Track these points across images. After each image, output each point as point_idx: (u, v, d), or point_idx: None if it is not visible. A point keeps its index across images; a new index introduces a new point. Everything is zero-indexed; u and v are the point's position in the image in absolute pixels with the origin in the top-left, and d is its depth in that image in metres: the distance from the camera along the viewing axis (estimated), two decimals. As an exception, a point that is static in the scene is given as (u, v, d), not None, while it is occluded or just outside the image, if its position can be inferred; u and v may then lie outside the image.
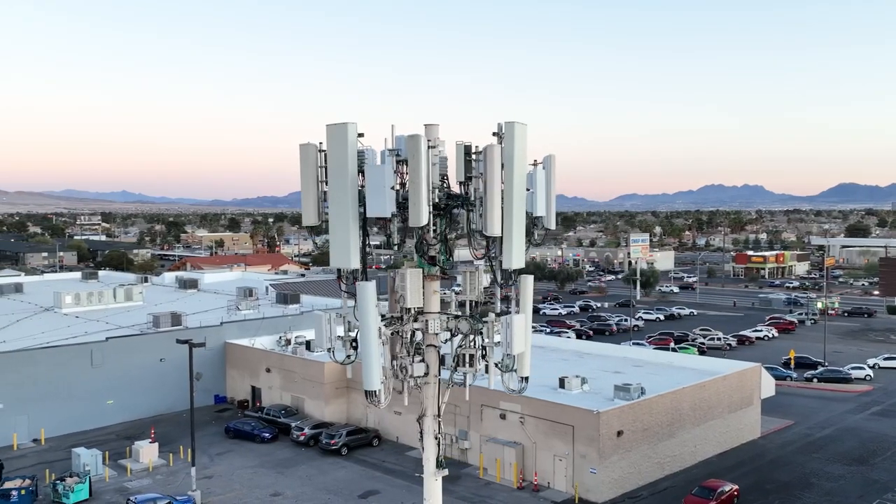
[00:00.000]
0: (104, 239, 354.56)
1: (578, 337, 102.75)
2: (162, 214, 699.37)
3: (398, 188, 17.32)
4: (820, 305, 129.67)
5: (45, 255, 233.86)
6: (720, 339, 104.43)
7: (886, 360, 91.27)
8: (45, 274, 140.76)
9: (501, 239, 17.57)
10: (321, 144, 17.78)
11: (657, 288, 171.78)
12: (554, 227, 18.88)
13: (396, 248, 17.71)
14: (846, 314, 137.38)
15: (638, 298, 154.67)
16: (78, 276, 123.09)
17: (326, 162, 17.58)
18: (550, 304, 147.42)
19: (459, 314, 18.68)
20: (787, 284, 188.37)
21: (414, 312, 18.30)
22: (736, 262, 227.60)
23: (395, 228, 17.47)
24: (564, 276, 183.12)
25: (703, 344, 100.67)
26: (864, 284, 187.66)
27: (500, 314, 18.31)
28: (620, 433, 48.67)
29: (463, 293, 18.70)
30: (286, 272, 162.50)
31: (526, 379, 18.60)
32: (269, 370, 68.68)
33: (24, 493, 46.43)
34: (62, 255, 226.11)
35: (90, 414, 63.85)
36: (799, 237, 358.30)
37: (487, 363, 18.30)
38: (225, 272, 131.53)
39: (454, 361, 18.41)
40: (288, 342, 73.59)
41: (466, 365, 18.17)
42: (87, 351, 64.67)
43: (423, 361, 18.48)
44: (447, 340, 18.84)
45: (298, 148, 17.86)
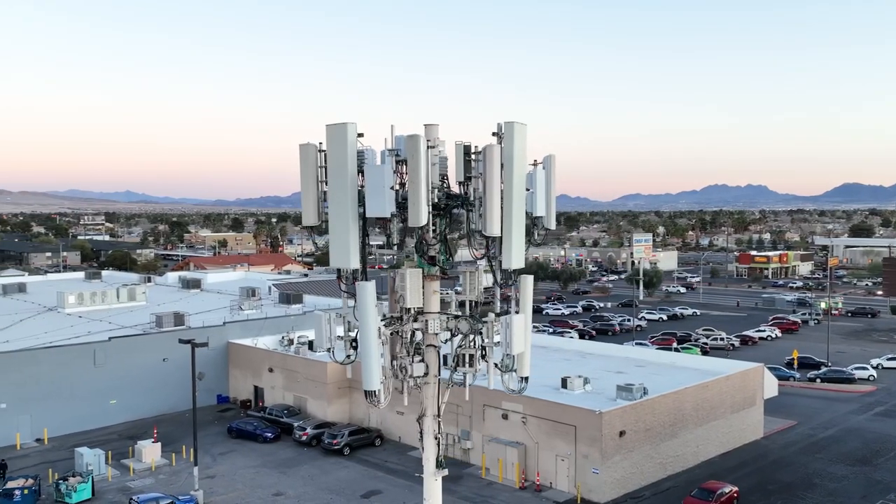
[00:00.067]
0: (108, 239, 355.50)
1: (581, 337, 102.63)
2: (165, 214, 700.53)
3: (398, 188, 17.31)
4: (823, 305, 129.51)
5: (48, 255, 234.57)
6: (723, 339, 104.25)
7: (890, 360, 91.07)
8: (48, 274, 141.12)
9: (501, 239, 17.56)
10: (321, 144, 17.79)
11: (663, 288, 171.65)
12: (554, 227, 18.86)
13: (396, 247, 17.69)
14: (850, 314, 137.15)
15: (641, 298, 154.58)
16: (81, 276, 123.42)
17: (326, 162, 17.60)
18: (554, 304, 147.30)
19: (459, 314, 18.66)
20: (790, 284, 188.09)
21: (414, 312, 18.29)
22: (739, 262, 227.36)
23: (394, 228, 17.46)
24: (567, 276, 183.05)
25: (706, 344, 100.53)
26: (867, 284, 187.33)
27: (499, 314, 18.30)
28: (623, 433, 48.62)
29: (463, 293, 18.68)
30: (289, 272, 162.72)
31: (526, 379, 18.58)
32: (271, 370, 68.74)
33: (27, 492, 46.54)
34: (66, 255, 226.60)
35: (93, 414, 63.98)
36: (802, 237, 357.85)
37: (487, 363, 18.29)
38: (228, 272, 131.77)
39: (454, 361, 18.39)
40: (290, 342, 73.61)
41: (466, 365, 18.15)
42: (90, 351, 64.80)
43: (422, 361, 18.47)
44: (447, 340, 18.82)
45: (298, 148, 17.87)
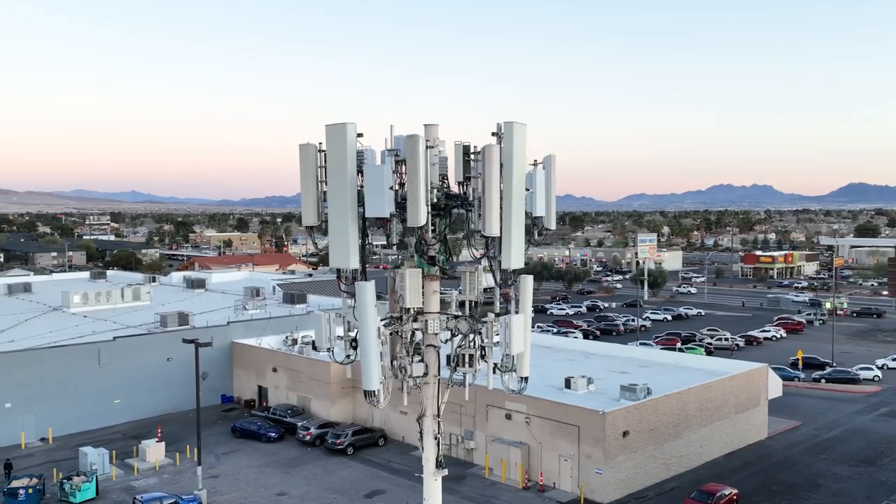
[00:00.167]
0: (113, 239, 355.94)
1: (585, 337, 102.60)
2: (171, 214, 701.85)
3: (397, 188, 17.29)
4: (828, 306, 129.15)
5: (54, 254, 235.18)
6: (728, 339, 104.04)
7: (895, 360, 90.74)
8: (53, 274, 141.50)
9: (501, 239, 17.52)
10: (321, 144, 17.78)
11: (673, 289, 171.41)
12: (554, 227, 18.81)
13: (396, 247, 17.67)
14: (855, 314, 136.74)
15: (645, 298, 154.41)
16: (86, 275, 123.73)
17: (326, 162, 17.58)
18: (558, 304, 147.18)
19: (459, 314, 18.64)
20: (795, 285, 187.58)
21: (413, 312, 18.27)
22: (744, 262, 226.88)
23: (394, 228, 17.45)
24: (572, 276, 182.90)
25: (710, 344, 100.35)
26: (873, 285, 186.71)
27: (499, 314, 18.27)
28: (626, 433, 48.56)
29: (463, 293, 18.65)
30: (293, 272, 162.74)
31: (525, 379, 18.55)
32: (275, 370, 68.82)
33: (31, 491, 46.68)
34: (71, 254, 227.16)
35: (97, 413, 64.12)
36: (808, 237, 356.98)
37: (487, 363, 18.26)
38: (233, 272, 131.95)
39: (454, 361, 18.37)
40: (294, 342, 73.74)
41: (466, 365, 18.13)
42: (94, 350, 64.96)
43: (422, 361, 18.45)
44: (447, 341, 18.80)
45: (298, 148, 17.86)
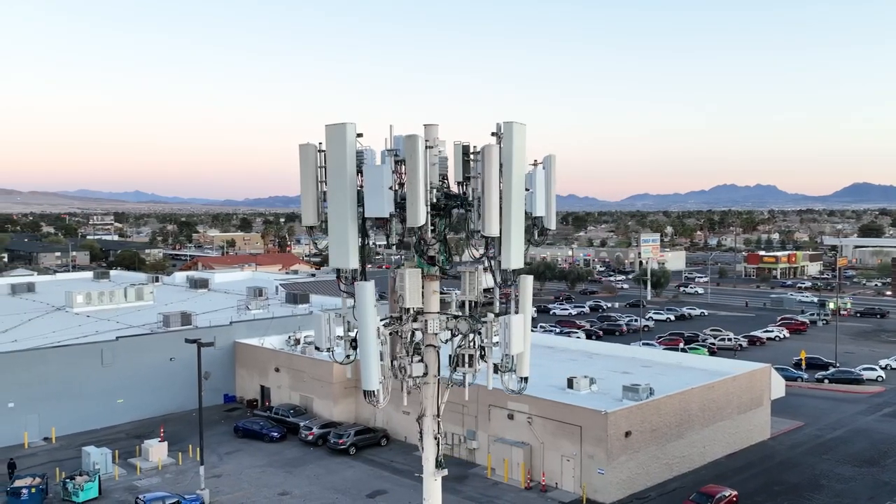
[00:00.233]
0: (117, 239, 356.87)
1: (588, 337, 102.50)
2: (174, 214, 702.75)
3: (397, 188, 17.28)
4: (832, 306, 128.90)
5: (58, 254, 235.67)
6: (731, 339, 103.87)
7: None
8: (57, 273, 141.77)
9: (500, 239, 17.50)
10: (321, 145, 17.78)
11: (680, 289, 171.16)
12: (554, 227, 18.78)
13: (395, 247, 17.66)
14: (858, 315, 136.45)
15: (648, 298, 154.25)
16: (90, 275, 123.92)
17: (326, 162, 17.58)
18: (561, 304, 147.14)
19: (459, 314, 18.63)
20: (799, 285, 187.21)
21: (413, 312, 18.26)
22: (748, 262, 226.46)
23: (393, 228, 17.44)
24: (575, 276, 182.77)
25: (713, 344, 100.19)
26: (877, 285, 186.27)
27: (498, 314, 18.26)
28: (628, 434, 48.51)
29: (462, 293, 18.64)
30: (297, 272, 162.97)
31: (525, 379, 18.54)
32: (278, 370, 68.87)
33: (34, 491, 46.79)
34: (75, 254, 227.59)
35: (100, 413, 64.24)
36: (812, 237, 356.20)
37: (487, 363, 18.25)
38: (236, 272, 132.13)
39: (453, 361, 18.37)
40: (297, 342, 73.79)
41: (465, 365, 18.12)
42: (97, 350, 65.07)
43: (421, 361, 18.45)
44: (447, 341, 18.79)
45: (298, 148, 17.86)
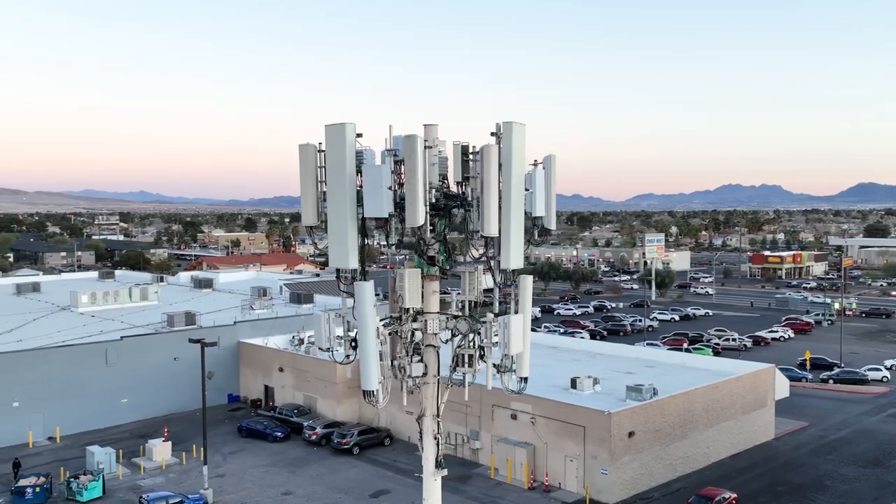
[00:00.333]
0: (122, 239, 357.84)
1: (592, 337, 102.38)
2: (179, 214, 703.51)
3: (396, 188, 17.30)
4: (837, 306, 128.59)
5: (63, 254, 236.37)
6: (735, 339, 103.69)
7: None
8: (62, 273, 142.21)
9: (500, 239, 17.50)
10: (320, 145, 17.80)
11: (691, 290, 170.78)
12: (554, 227, 18.77)
13: (395, 247, 17.68)
14: (864, 315, 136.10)
15: (653, 299, 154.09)
16: (95, 275, 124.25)
17: (325, 162, 17.61)
18: (566, 304, 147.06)
19: (458, 314, 18.63)
20: (804, 285, 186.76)
21: (413, 312, 18.27)
22: (753, 262, 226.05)
23: (393, 228, 17.45)
24: (579, 276, 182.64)
25: (717, 345, 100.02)
26: (882, 285, 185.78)
27: (498, 314, 18.25)
28: (632, 434, 48.45)
29: (462, 293, 18.65)
30: (301, 272, 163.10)
31: (525, 379, 18.53)
32: (281, 369, 68.96)
33: (38, 490, 46.98)
34: (80, 254, 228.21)
35: (104, 412, 64.41)
36: (817, 237, 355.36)
37: (486, 363, 18.25)
38: (240, 272, 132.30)
39: (453, 361, 18.38)
40: (301, 342, 73.85)
41: (465, 365, 18.13)
42: (101, 350, 65.25)
43: (421, 361, 18.46)
44: (447, 341, 18.79)
45: (297, 148, 17.89)
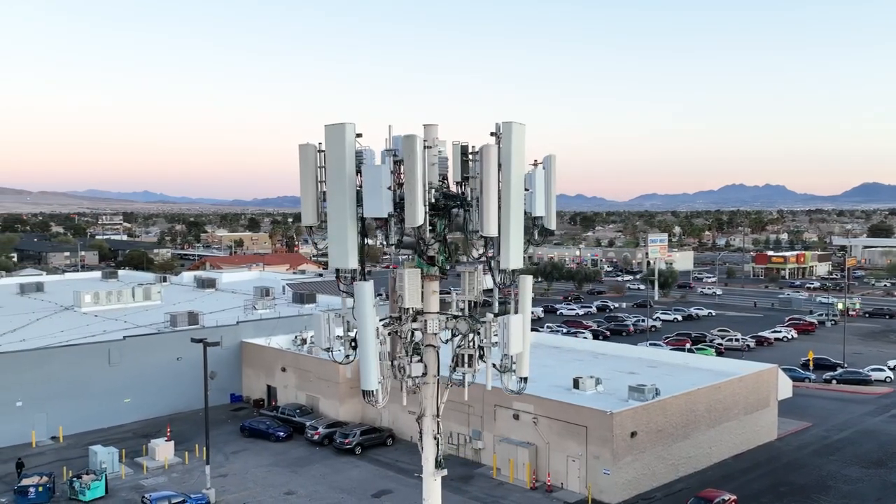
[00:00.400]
0: (125, 238, 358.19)
1: (595, 337, 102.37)
2: (183, 214, 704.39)
3: (395, 188, 17.30)
4: (840, 306, 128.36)
5: (67, 254, 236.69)
6: (738, 339, 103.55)
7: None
8: (66, 273, 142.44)
9: (499, 239, 17.49)
10: (320, 145, 17.81)
11: (698, 290, 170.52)
12: (554, 227, 18.74)
13: (395, 247, 17.68)
14: (867, 315, 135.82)
15: (656, 299, 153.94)
16: (98, 275, 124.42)
17: (325, 162, 17.62)
18: (569, 304, 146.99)
19: (458, 314, 18.63)
20: (807, 285, 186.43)
21: (413, 312, 18.27)
22: (756, 262, 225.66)
23: (392, 228, 17.46)
24: (582, 276, 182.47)
25: (720, 345, 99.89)
26: (886, 285, 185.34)
27: (497, 314, 18.25)
28: (634, 434, 48.42)
29: (462, 293, 18.64)
30: (304, 272, 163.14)
31: (524, 379, 18.52)
32: (284, 369, 69.00)
33: (41, 489, 47.09)
34: (84, 254, 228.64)
35: (107, 412, 64.51)
36: (821, 237, 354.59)
37: (486, 363, 18.25)
38: (243, 272, 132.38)
39: (453, 362, 18.38)
40: (303, 342, 73.89)
41: (465, 365, 18.13)
42: (104, 350, 65.36)
43: (420, 361, 18.46)
44: (447, 341, 18.79)
45: (298, 148, 17.90)
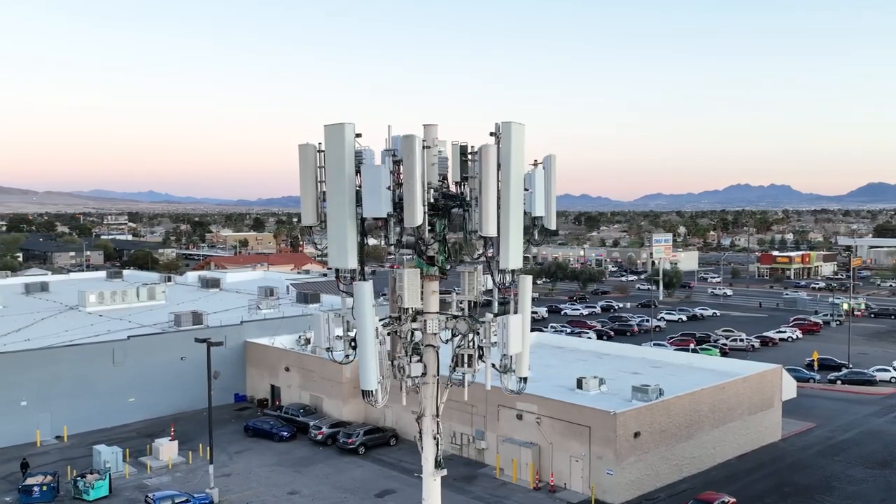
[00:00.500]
0: (130, 238, 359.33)
1: (599, 337, 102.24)
2: (187, 214, 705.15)
3: (394, 188, 17.30)
4: (846, 306, 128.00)
5: (72, 254, 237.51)
6: (743, 340, 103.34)
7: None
8: (71, 273, 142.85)
9: (499, 239, 17.48)
10: (320, 145, 17.82)
11: (708, 291, 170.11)
12: (554, 227, 18.70)
13: (394, 247, 17.68)
14: (873, 315, 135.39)
15: (660, 299, 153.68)
16: (103, 275, 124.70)
17: (325, 162, 17.62)
18: (573, 304, 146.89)
19: (458, 314, 18.63)
20: (812, 285, 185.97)
21: (412, 312, 18.27)
22: (761, 262, 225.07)
23: (392, 228, 17.46)
24: (587, 276, 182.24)
25: (725, 345, 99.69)
26: (891, 285, 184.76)
27: (497, 314, 18.24)
28: (637, 434, 48.34)
29: (461, 293, 18.64)
30: (308, 272, 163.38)
31: (524, 379, 18.51)
32: (288, 369, 69.08)
33: (45, 489, 47.26)
34: (89, 254, 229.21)
35: (111, 411, 64.63)
36: (826, 237, 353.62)
37: (485, 363, 18.24)
38: (247, 272, 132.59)
39: (453, 361, 18.37)
40: (307, 341, 73.94)
41: (465, 365, 18.12)
42: (109, 349, 65.49)
43: (420, 361, 18.46)
44: (447, 341, 18.79)
45: (297, 148, 17.92)
